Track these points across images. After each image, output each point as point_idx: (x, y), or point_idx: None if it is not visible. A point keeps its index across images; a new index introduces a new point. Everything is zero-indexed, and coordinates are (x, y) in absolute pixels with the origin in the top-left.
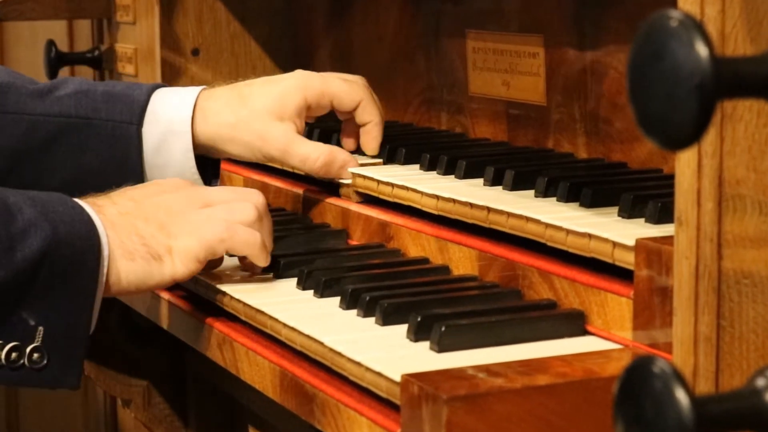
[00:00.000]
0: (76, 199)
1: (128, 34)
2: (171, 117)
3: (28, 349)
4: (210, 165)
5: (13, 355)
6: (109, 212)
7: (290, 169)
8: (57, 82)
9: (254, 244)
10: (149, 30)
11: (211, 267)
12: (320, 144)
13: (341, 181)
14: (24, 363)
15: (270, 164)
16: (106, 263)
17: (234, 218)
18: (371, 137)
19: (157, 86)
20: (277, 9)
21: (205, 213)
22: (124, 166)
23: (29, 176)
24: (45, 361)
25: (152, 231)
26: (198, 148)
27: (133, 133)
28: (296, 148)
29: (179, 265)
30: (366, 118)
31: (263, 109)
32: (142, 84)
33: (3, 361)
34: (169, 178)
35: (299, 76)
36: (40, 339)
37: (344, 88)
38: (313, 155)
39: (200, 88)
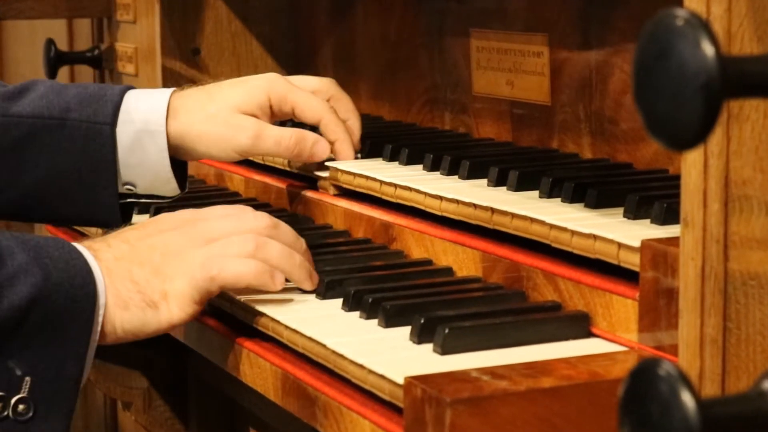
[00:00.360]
0: (73, 243)
1: (128, 33)
2: (145, 117)
3: (13, 401)
4: (180, 167)
5: None
6: (105, 257)
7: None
8: (27, 84)
9: (248, 274)
10: (150, 29)
11: None
12: (289, 128)
13: (318, 173)
14: (8, 414)
15: (237, 160)
16: (102, 312)
17: (229, 252)
18: (341, 156)
19: (129, 87)
20: (279, 8)
21: (201, 252)
22: (99, 166)
23: (1, 177)
24: (31, 414)
25: (147, 276)
26: (169, 148)
27: (107, 133)
28: (268, 131)
29: (176, 310)
30: (330, 137)
31: (230, 104)
32: (113, 85)
33: None
34: (175, 212)
35: (267, 77)
36: (26, 390)
37: (307, 103)
38: (286, 135)
39: (171, 89)
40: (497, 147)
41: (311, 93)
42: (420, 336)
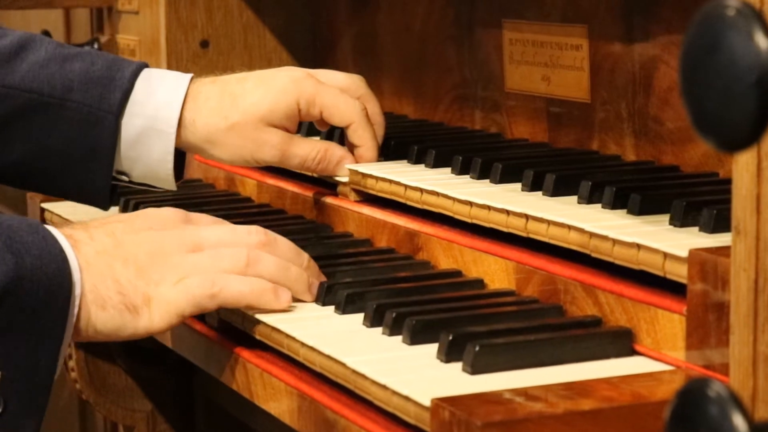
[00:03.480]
0: (50, 228)
1: (131, 24)
2: (155, 113)
3: None
4: (178, 159)
5: None
6: (85, 250)
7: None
8: (25, 42)
9: (249, 294)
10: (154, 19)
11: None
12: (316, 141)
13: (338, 179)
14: None
15: (257, 167)
16: (77, 303)
17: (220, 266)
18: (363, 161)
19: (141, 68)
20: None
21: (190, 259)
22: (94, 154)
23: None
24: (0, 409)
25: (130, 276)
26: (178, 146)
27: (110, 122)
28: (294, 149)
29: (157, 318)
30: (357, 142)
31: (256, 114)
32: (124, 62)
33: None
34: (161, 209)
35: (295, 78)
36: None
37: (338, 105)
38: (311, 155)
39: (188, 78)
40: (532, 148)
41: (340, 92)
42: (448, 354)
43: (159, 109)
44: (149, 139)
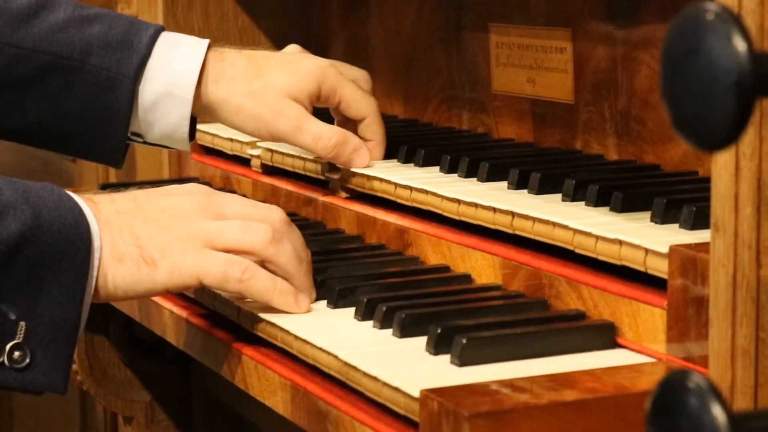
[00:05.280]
0: (69, 192)
1: None
2: (172, 79)
3: (7, 347)
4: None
5: None
6: (104, 209)
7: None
8: (42, 2)
9: (273, 292)
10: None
11: None
12: (333, 126)
13: (329, 175)
14: (3, 361)
15: (271, 142)
16: (97, 256)
17: (246, 238)
18: (372, 156)
19: (159, 32)
20: (289, 1)
21: (215, 225)
22: (110, 118)
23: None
24: (27, 360)
25: (150, 231)
26: (194, 108)
27: (127, 87)
28: (309, 125)
29: (177, 274)
30: (369, 136)
31: (278, 86)
32: (141, 26)
33: None
34: (185, 184)
35: (320, 65)
36: (21, 335)
37: (356, 98)
38: (327, 134)
39: (205, 44)
40: (518, 148)
41: (359, 87)
42: (437, 347)
43: (176, 75)
44: (166, 104)
